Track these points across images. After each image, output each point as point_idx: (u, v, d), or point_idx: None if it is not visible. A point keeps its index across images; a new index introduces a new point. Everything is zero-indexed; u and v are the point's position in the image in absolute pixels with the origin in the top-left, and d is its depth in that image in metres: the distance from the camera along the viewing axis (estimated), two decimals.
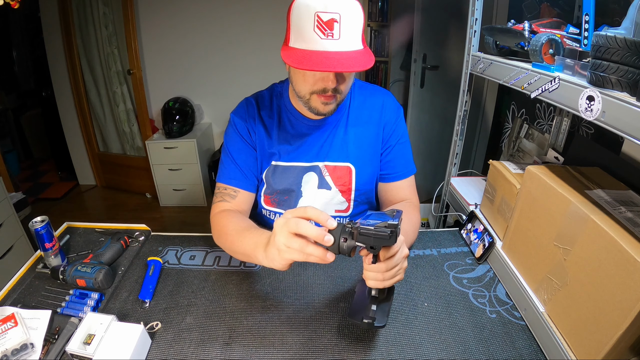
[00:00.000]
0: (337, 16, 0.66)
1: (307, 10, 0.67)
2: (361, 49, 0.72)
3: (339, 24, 0.67)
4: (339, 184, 0.93)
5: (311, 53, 0.68)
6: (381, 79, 2.96)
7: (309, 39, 0.68)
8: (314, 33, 0.67)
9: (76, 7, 2.65)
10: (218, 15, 2.71)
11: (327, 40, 0.67)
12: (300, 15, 0.68)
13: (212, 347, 0.67)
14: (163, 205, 2.95)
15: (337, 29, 0.67)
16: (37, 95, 3.52)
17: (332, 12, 0.66)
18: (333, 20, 0.66)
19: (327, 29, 0.67)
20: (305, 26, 0.68)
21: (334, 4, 0.66)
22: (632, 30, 0.54)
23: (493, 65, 0.93)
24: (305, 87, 0.77)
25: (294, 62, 0.68)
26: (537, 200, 0.71)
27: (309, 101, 0.79)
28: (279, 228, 0.58)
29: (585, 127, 1.07)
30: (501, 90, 1.84)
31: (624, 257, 0.50)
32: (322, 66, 0.67)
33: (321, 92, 0.76)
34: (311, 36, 0.67)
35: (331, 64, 0.67)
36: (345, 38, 0.68)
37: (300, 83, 0.77)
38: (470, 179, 1.22)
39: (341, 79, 0.75)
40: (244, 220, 0.83)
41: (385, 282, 0.61)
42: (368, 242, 0.56)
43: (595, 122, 0.57)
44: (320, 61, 0.67)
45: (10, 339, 0.64)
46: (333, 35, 0.67)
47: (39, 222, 0.82)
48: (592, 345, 0.55)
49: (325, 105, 0.78)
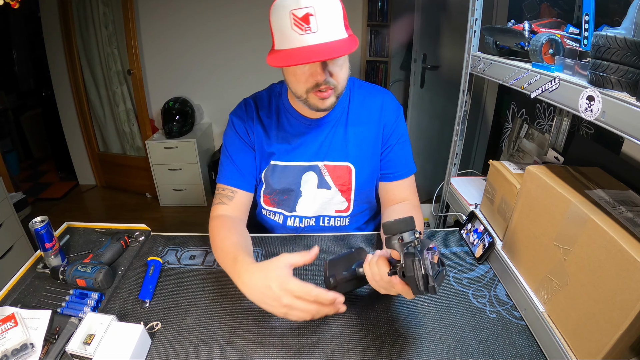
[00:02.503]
0: (312, 9, 0.67)
1: (282, 11, 0.69)
2: (344, 37, 0.72)
3: (315, 16, 0.68)
4: (338, 184, 0.93)
5: (292, 51, 0.69)
6: (381, 79, 2.96)
7: (289, 38, 0.70)
8: (292, 31, 0.69)
9: (76, 7, 2.65)
10: (218, 16, 2.71)
11: (307, 35, 0.68)
12: (278, 17, 0.70)
13: (212, 347, 0.67)
14: (163, 205, 2.95)
15: (313, 22, 0.68)
16: (37, 95, 3.53)
17: (305, 7, 0.67)
18: (308, 14, 0.67)
19: (304, 23, 0.68)
20: (284, 27, 0.69)
21: None
22: (632, 30, 0.54)
23: (493, 65, 0.93)
24: (299, 86, 0.77)
25: (276, 62, 0.70)
26: (537, 200, 0.71)
27: (307, 100, 0.79)
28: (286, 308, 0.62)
29: (585, 127, 1.07)
30: (501, 90, 1.84)
31: (624, 257, 0.50)
32: (302, 59, 0.68)
33: (315, 87, 0.76)
34: (291, 35, 0.69)
35: (310, 56, 0.68)
36: (324, 29, 0.69)
37: (294, 84, 0.79)
38: (470, 179, 1.22)
39: (332, 70, 0.76)
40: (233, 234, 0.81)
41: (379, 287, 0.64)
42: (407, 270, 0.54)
43: (595, 122, 0.57)
44: (300, 56, 0.68)
45: (10, 339, 0.64)
46: (311, 28, 0.68)
47: (39, 222, 0.82)
48: (592, 345, 0.55)
49: (323, 101, 0.79)
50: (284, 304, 0.61)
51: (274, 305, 0.63)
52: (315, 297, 0.60)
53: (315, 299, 0.60)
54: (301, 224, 0.98)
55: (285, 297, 0.61)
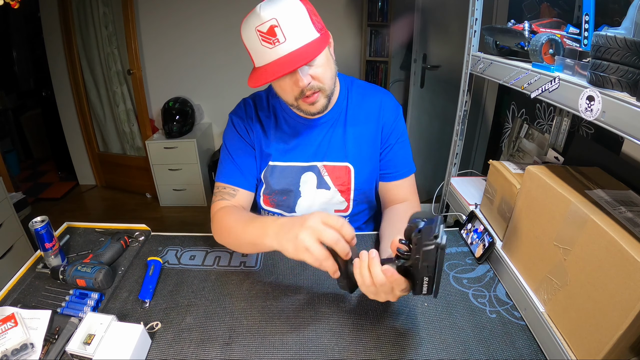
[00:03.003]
0: (274, 21, 0.68)
1: (249, 29, 0.70)
2: (316, 38, 0.72)
3: (279, 27, 0.68)
4: (338, 184, 0.93)
5: (268, 66, 0.70)
6: (381, 79, 2.96)
7: (262, 54, 0.71)
8: (263, 47, 0.69)
9: (76, 7, 2.65)
10: (218, 16, 2.71)
11: (277, 47, 0.69)
12: (247, 37, 0.71)
13: (212, 347, 0.67)
14: (163, 205, 2.95)
15: (279, 33, 0.68)
16: (37, 95, 3.53)
17: (267, 21, 0.68)
18: (272, 26, 0.68)
19: (270, 37, 0.68)
20: (254, 44, 0.70)
21: (266, 12, 0.68)
22: (632, 30, 0.54)
23: (493, 65, 0.93)
24: (287, 96, 0.79)
25: (253, 82, 0.71)
26: (537, 200, 0.71)
27: (298, 107, 0.81)
28: (306, 230, 0.59)
29: (585, 127, 1.07)
30: (501, 90, 1.84)
31: (624, 257, 0.50)
32: (275, 73, 0.69)
33: (301, 95, 0.77)
34: (263, 51, 0.70)
35: (282, 68, 0.68)
36: (292, 37, 0.69)
37: (282, 94, 0.80)
38: (470, 179, 1.22)
39: (313, 73, 0.75)
40: (246, 212, 0.83)
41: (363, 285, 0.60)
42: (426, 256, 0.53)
43: (595, 122, 0.57)
44: (274, 70, 0.69)
45: (10, 339, 0.64)
46: (279, 40, 0.69)
47: (39, 222, 0.82)
48: (592, 345, 0.55)
49: (313, 105, 0.79)
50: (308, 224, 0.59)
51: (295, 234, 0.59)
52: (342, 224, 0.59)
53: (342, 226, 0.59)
54: None
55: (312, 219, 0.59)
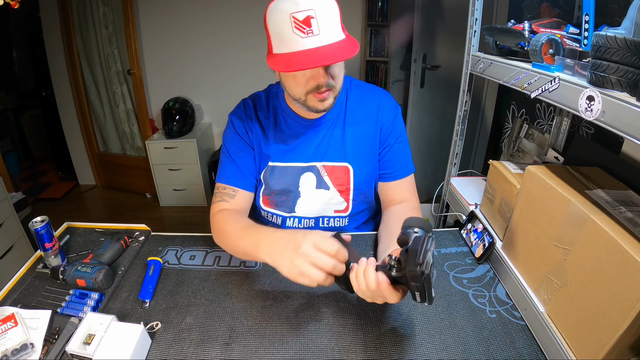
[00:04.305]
0: (312, 12, 0.67)
1: (281, 14, 0.68)
2: (343, 39, 0.72)
3: (316, 19, 0.67)
4: (337, 184, 0.93)
5: (295, 54, 0.69)
6: (381, 79, 2.97)
7: (290, 42, 0.69)
8: (294, 35, 0.68)
9: (76, 7, 2.65)
10: (218, 15, 2.71)
11: (309, 38, 0.68)
12: (276, 21, 0.69)
13: (212, 347, 0.67)
14: (163, 205, 2.95)
15: (315, 25, 0.68)
16: (37, 95, 3.52)
17: (306, 10, 0.67)
18: (309, 17, 0.67)
19: (305, 26, 0.67)
20: (284, 30, 0.69)
21: (305, 1, 0.67)
22: (632, 30, 0.54)
23: (493, 65, 0.93)
24: (299, 88, 0.77)
25: (282, 67, 0.69)
26: (537, 200, 0.71)
27: (305, 102, 0.79)
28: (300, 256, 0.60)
29: (585, 127, 1.07)
30: (501, 90, 1.83)
31: (624, 257, 0.50)
32: (309, 64, 0.67)
33: (315, 90, 0.76)
34: (292, 38, 0.68)
35: (317, 60, 0.68)
36: (325, 31, 0.69)
37: (293, 86, 0.78)
38: (470, 179, 1.22)
39: (332, 72, 0.76)
40: (243, 218, 0.83)
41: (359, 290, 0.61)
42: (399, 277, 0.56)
43: (595, 122, 0.57)
44: (305, 60, 0.68)
45: (10, 339, 0.64)
46: (312, 31, 0.68)
47: (39, 222, 0.82)
48: (592, 345, 0.55)
49: (322, 102, 0.79)
50: (302, 252, 0.60)
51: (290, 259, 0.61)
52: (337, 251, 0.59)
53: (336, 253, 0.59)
54: (300, 224, 0.98)
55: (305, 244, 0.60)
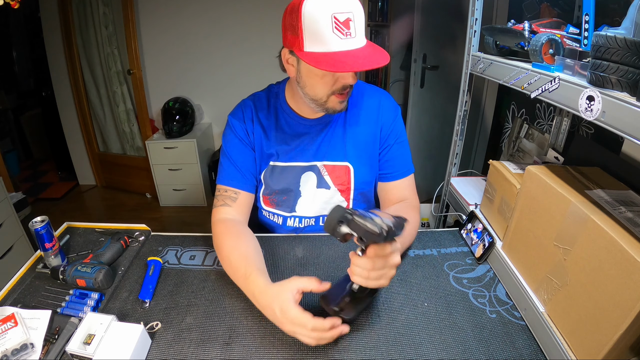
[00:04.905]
0: (351, 15, 0.68)
1: (322, 12, 0.67)
2: (368, 42, 0.74)
3: (353, 22, 0.69)
4: (337, 184, 0.93)
5: (337, 55, 0.69)
6: (381, 79, 2.97)
7: (329, 41, 0.68)
8: (333, 35, 0.68)
9: (76, 7, 2.65)
10: (218, 15, 2.71)
11: (347, 40, 0.69)
12: (315, 19, 0.68)
13: (212, 347, 0.67)
14: (163, 205, 2.95)
15: (352, 28, 0.69)
16: (37, 95, 3.52)
17: (346, 12, 0.68)
18: (348, 19, 0.68)
19: (345, 28, 0.68)
20: (323, 29, 0.68)
21: (346, 3, 0.68)
22: (632, 30, 0.54)
23: (493, 65, 0.93)
24: (325, 89, 0.77)
25: (327, 66, 0.68)
26: (537, 200, 0.71)
27: (325, 102, 0.80)
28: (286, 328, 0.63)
29: (585, 127, 1.07)
30: (501, 90, 1.84)
31: (624, 257, 0.50)
32: (356, 66, 0.69)
33: (340, 90, 0.77)
34: (331, 38, 0.68)
35: (362, 62, 0.69)
36: (359, 35, 0.71)
37: (318, 86, 0.77)
38: (470, 179, 1.22)
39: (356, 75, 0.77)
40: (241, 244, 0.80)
41: (370, 281, 0.63)
42: (359, 231, 0.59)
43: (595, 122, 0.57)
44: (349, 61, 0.69)
45: (10, 339, 0.64)
46: (350, 34, 0.69)
47: (39, 222, 0.82)
48: (592, 345, 0.55)
49: (341, 103, 0.81)
50: (286, 330, 0.63)
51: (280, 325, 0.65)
52: (312, 327, 0.60)
53: (313, 328, 0.60)
54: (301, 224, 0.98)
55: (286, 324, 0.62)
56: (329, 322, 0.61)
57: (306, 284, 0.64)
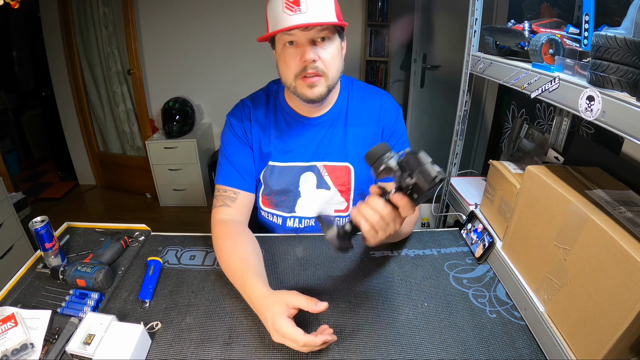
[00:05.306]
0: None
1: None
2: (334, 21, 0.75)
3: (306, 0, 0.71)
4: (338, 184, 0.93)
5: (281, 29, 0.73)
6: (381, 79, 2.96)
7: (280, 20, 0.73)
8: (283, 13, 0.72)
9: (76, 7, 2.65)
10: (218, 16, 2.71)
11: (296, 15, 0.72)
12: (272, 3, 0.74)
13: (212, 347, 0.67)
14: (163, 205, 2.95)
15: (303, 4, 0.71)
16: (37, 95, 3.52)
17: None
18: None
19: (294, 5, 0.72)
20: (277, 11, 0.73)
21: None
22: (632, 30, 0.53)
23: (493, 65, 0.93)
24: (289, 72, 0.78)
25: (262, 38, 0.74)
26: (537, 200, 0.71)
27: (296, 88, 0.80)
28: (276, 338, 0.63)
29: (585, 127, 1.07)
30: (501, 90, 1.84)
31: (624, 257, 0.50)
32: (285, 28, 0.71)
33: (302, 72, 0.77)
34: (282, 17, 0.72)
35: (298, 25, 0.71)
36: (313, 10, 0.72)
37: (284, 71, 0.80)
38: (470, 179, 1.22)
39: (320, 54, 0.76)
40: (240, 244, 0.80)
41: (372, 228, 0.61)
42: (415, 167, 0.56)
43: (595, 122, 0.57)
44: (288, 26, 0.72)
45: (10, 339, 0.64)
46: (300, 9, 0.71)
47: (39, 222, 0.82)
48: (592, 345, 0.55)
49: (311, 89, 0.79)
50: (275, 340, 0.63)
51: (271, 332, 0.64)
52: (304, 343, 0.60)
53: (304, 344, 0.60)
54: (300, 224, 0.98)
55: (276, 336, 0.62)
56: (321, 339, 0.60)
57: (302, 303, 0.62)
